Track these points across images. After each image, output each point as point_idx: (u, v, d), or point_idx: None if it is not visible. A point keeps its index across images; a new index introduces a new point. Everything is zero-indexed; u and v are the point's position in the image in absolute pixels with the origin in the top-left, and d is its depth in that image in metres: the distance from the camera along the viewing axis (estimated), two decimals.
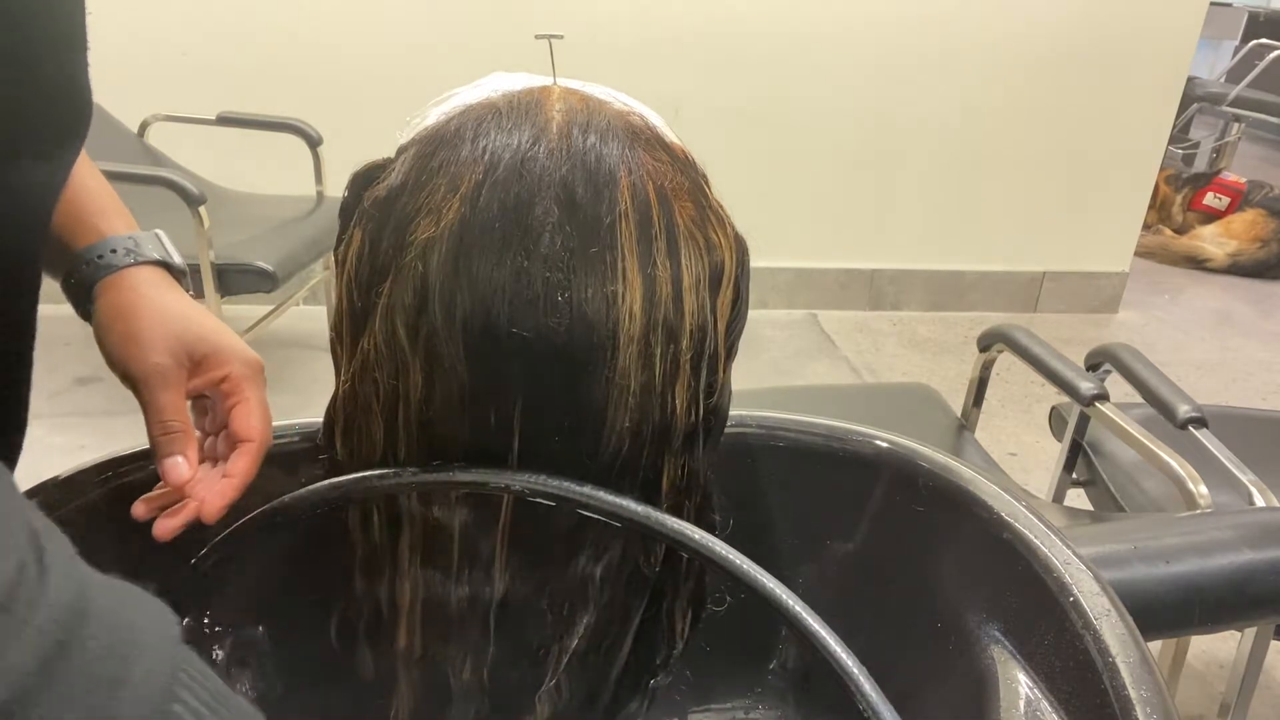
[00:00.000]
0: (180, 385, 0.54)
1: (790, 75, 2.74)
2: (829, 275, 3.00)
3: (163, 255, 0.58)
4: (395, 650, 0.50)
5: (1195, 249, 3.69)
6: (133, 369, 0.53)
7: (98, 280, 0.55)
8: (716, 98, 2.69)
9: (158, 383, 0.53)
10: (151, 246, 0.58)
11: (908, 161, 2.91)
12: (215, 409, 0.57)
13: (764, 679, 0.68)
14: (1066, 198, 3.03)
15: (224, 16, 2.44)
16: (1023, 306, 3.15)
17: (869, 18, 2.70)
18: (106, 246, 0.56)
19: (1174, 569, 0.65)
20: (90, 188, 0.58)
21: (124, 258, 0.56)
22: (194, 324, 0.55)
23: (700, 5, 2.63)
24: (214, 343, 0.55)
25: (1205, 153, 4.82)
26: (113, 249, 0.56)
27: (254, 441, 0.54)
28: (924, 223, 3.01)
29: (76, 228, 0.56)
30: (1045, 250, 3.10)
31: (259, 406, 0.56)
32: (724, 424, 0.51)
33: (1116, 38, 2.84)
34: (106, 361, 0.55)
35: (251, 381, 0.56)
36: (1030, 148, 2.94)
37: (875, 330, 2.93)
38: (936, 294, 3.07)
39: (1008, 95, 2.86)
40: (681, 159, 0.47)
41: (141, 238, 0.57)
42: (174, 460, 0.52)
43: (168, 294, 0.56)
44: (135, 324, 0.54)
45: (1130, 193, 3.08)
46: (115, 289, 0.55)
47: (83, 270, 0.56)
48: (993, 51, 2.80)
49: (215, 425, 0.57)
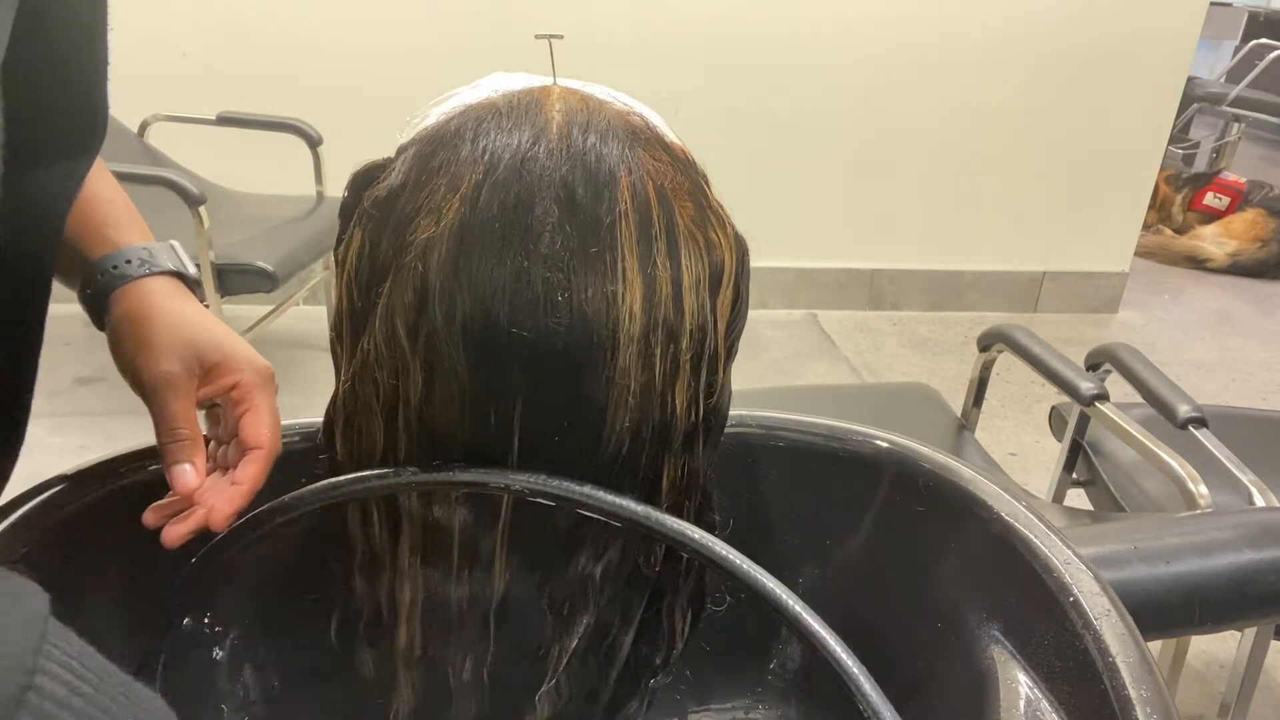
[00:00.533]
0: (190, 393, 0.54)
1: (790, 75, 2.74)
2: (829, 275, 3.00)
3: (177, 265, 0.58)
4: (395, 650, 0.50)
5: (1195, 249, 3.69)
6: (143, 376, 0.54)
7: (113, 290, 0.56)
8: (716, 98, 2.69)
9: (167, 390, 0.53)
10: (166, 257, 0.58)
11: (908, 161, 2.91)
12: (226, 416, 0.57)
13: (764, 679, 0.68)
14: (1066, 198, 3.03)
15: (224, 16, 2.44)
16: (1023, 306, 3.15)
17: (869, 18, 2.70)
18: (121, 257, 0.56)
19: (1174, 569, 0.65)
20: (106, 199, 0.58)
21: (139, 268, 0.56)
22: (205, 331, 0.56)
23: (700, 5, 2.63)
24: (224, 350, 0.56)
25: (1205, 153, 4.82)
26: (127, 259, 0.56)
27: (263, 449, 0.54)
28: (924, 223, 3.01)
29: (92, 239, 0.57)
30: (1045, 250, 3.10)
31: (269, 414, 0.56)
32: (724, 424, 0.51)
33: (1116, 38, 2.84)
34: (119, 369, 0.55)
35: (261, 389, 0.56)
36: (1030, 148, 2.94)
37: (875, 330, 2.93)
38: (936, 294, 3.07)
39: (1007, 95, 2.86)
40: (681, 159, 0.47)
41: (156, 248, 0.58)
42: (182, 468, 0.52)
43: (180, 303, 0.57)
44: (147, 332, 0.54)
45: (1130, 193, 3.08)
46: (129, 299, 0.56)
47: (98, 281, 0.56)
48: (992, 51, 2.80)
49: (227, 433, 0.57)
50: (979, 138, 2.91)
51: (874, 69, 2.77)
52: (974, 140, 2.91)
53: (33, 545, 0.51)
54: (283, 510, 0.49)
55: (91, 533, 0.55)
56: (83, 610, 0.54)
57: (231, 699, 0.60)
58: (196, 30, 2.44)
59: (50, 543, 0.52)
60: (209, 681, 0.60)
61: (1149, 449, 1.14)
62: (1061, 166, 2.98)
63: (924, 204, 2.98)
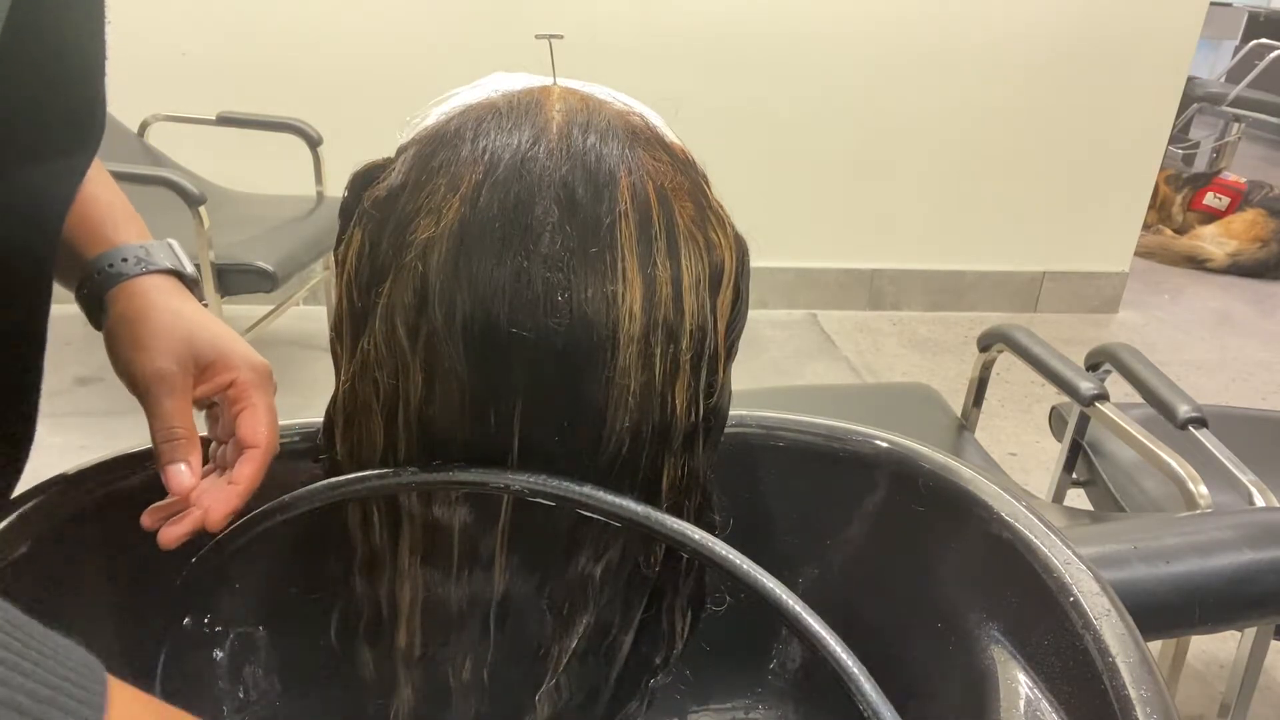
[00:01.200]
0: (185, 391, 0.54)
1: (790, 75, 2.74)
2: (829, 275, 3.00)
3: (174, 264, 0.58)
4: (395, 650, 0.50)
5: (1195, 249, 3.69)
6: (137, 375, 0.53)
7: (109, 289, 0.55)
8: (716, 98, 2.69)
9: (162, 389, 0.53)
10: (163, 255, 0.57)
11: (908, 161, 2.91)
12: (223, 415, 0.56)
13: (764, 679, 0.68)
14: (1066, 198, 3.03)
15: (224, 16, 2.44)
16: (1023, 306, 3.15)
17: (869, 18, 2.70)
18: (118, 255, 0.56)
19: (1174, 569, 0.65)
20: (103, 198, 0.58)
21: (135, 266, 0.56)
22: (201, 329, 0.55)
23: (700, 5, 2.63)
24: (221, 348, 0.55)
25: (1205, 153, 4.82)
26: (124, 258, 0.56)
27: (259, 448, 0.53)
28: (924, 223, 3.01)
29: (89, 238, 0.56)
30: (1045, 250, 3.10)
31: (266, 413, 0.55)
32: (724, 424, 0.51)
33: (1116, 38, 2.84)
34: (115, 369, 0.55)
35: (259, 388, 0.56)
36: (1030, 148, 2.94)
37: (875, 330, 2.93)
38: (936, 294, 3.07)
39: (1008, 95, 2.86)
40: (681, 159, 0.47)
41: (153, 246, 0.57)
42: (177, 468, 0.52)
43: (177, 301, 0.56)
44: (142, 330, 0.54)
45: (1130, 193, 3.08)
46: (125, 297, 0.55)
47: (94, 279, 0.55)
48: (992, 51, 2.80)
49: (225, 432, 0.56)
50: (979, 138, 2.91)
51: (874, 69, 2.77)
52: (974, 140, 2.91)
53: (33, 545, 0.51)
54: (283, 510, 0.49)
55: (91, 533, 0.55)
56: (82, 610, 0.54)
57: (231, 699, 0.60)
58: (197, 30, 2.44)
59: (50, 542, 0.52)
60: (209, 681, 0.60)
61: (1149, 449, 1.14)
62: (1061, 166, 2.98)
63: (924, 204, 2.98)
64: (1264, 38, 4.98)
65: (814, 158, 2.86)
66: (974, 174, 2.95)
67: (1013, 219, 3.04)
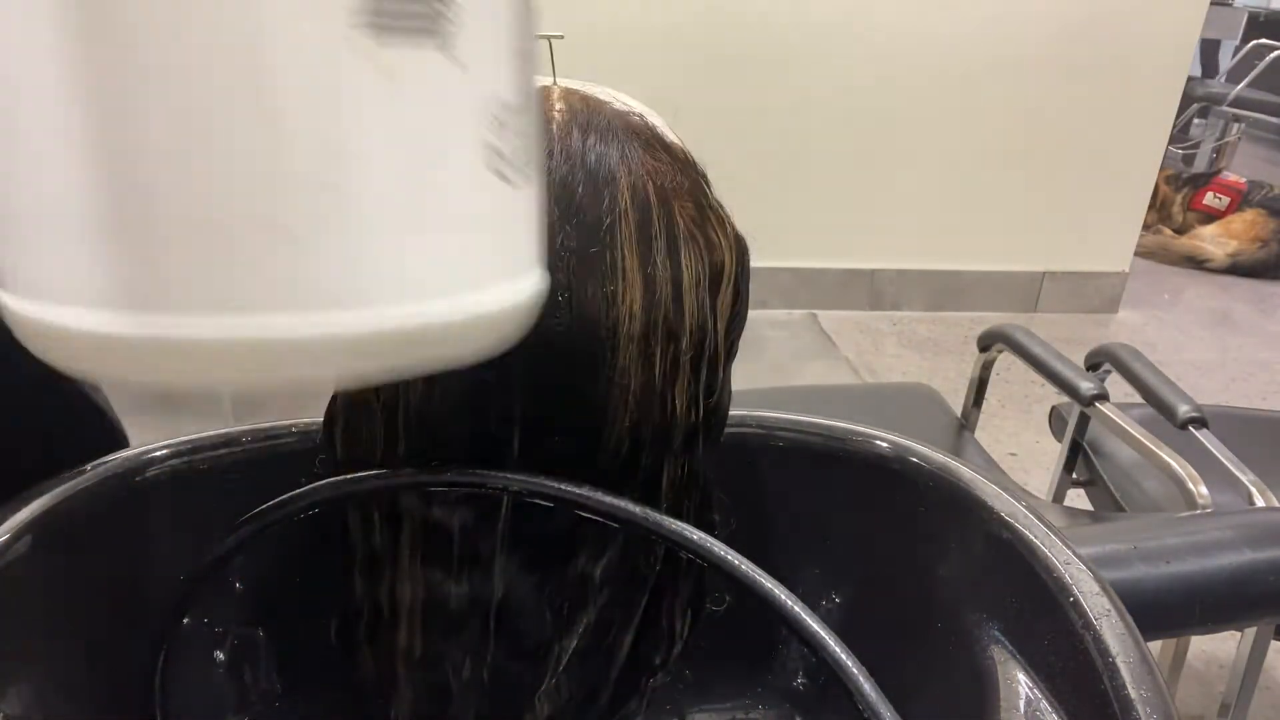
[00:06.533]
0: None
1: (790, 75, 2.74)
2: (829, 275, 2.99)
3: None
4: (395, 650, 0.50)
5: (1195, 249, 3.69)
6: None
7: None
8: (716, 98, 2.69)
9: None
10: None
11: (907, 161, 2.91)
12: None
13: (764, 679, 0.68)
14: (1066, 198, 3.03)
15: None
16: (1023, 306, 3.15)
17: (869, 18, 2.70)
18: None
19: (1174, 569, 0.65)
20: None
21: None
22: None
23: (700, 5, 2.63)
24: None
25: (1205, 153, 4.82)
26: None
27: None
28: (924, 223, 3.01)
29: None
30: (1045, 250, 3.10)
31: None
32: (724, 424, 0.51)
33: (1116, 38, 2.84)
34: None
35: None
36: (1030, 148, 2.94)
37: (875, 330, 2.93)
38: (936, 294, 3.07)
39: (1008, 95, 2.86)
40: (681, 159, 0.47)
41: None
42: None
43: None
44: None
45: (1130, 193, 3.08)
46: None
47: None
48: (993, 51, 2.80)
49: None
50: (979, 138, 2.91)
51: (874, 69, 2.77)
52: (974, 140, 2.91)
53: (33, 544, 0.51)
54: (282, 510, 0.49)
55: (91, 532, 0.55)
56: (82, 610, 0.54)
57: (231, 699, 0.60)
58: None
59: (50, 542, 0.52)
60: (209, 681, 0.60)
61: (1149, 449, 1.14)
62: (1061, 166, 2.98)
63: (924, 204, 2.98)
64: (1264, 38, 4.98)
65: (814, 158, 2.86)
66: (973, 174, 2.95)
67: (1012, 219, 3.04)
